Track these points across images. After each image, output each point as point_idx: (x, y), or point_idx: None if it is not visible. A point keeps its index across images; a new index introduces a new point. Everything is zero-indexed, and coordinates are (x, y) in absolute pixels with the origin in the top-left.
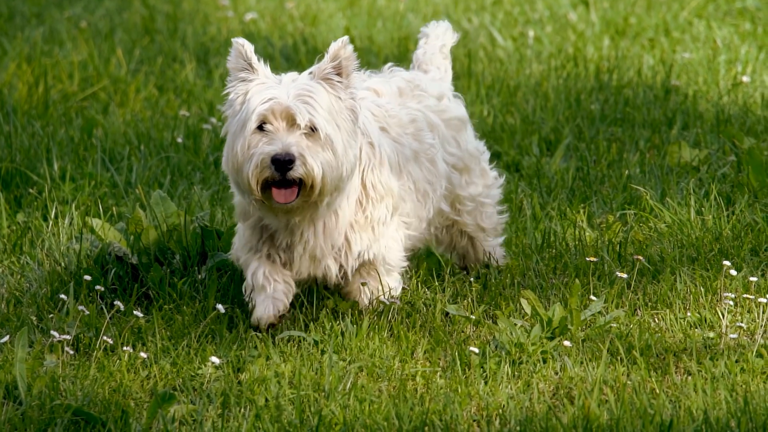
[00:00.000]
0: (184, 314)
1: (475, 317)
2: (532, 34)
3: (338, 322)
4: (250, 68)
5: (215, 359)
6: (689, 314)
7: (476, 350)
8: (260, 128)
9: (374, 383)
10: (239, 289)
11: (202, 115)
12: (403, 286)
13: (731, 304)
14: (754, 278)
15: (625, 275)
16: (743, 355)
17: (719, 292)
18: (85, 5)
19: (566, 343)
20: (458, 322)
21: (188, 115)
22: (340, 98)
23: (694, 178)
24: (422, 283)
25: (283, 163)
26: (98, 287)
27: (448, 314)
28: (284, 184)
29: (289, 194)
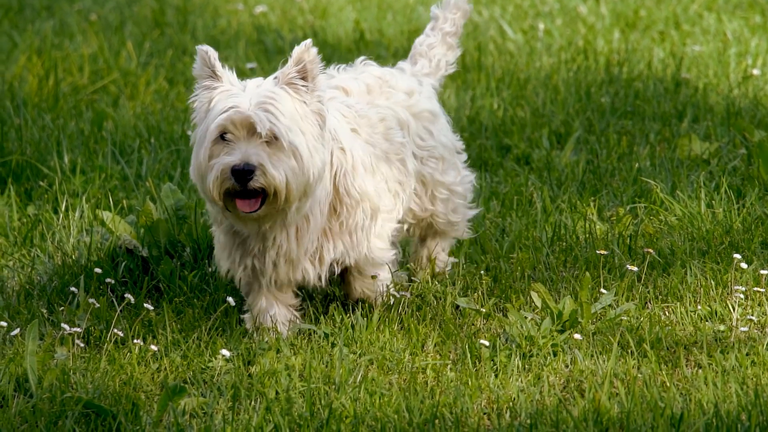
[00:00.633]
0: (194, 307)
1: (485, 310)
2: (542, 27)
3: (349, 315)
4: (214, 75)
5: (226, 352)
6: (700, 307)
7: (486, 343)
8: (222, 137)
9: (385, 376)
10: None
11: None
12: (412, 278)
13: (742, 297)
14: (764, 271)
15: (635, 268)
16: (754, 348)
17: (730, 285)
18: None
19: (577, 336)
20: (469, 315)
21: None
22: (305, 103)
23: (704, 171)
24: (432, 276)
25: (242, 173)
26: (109, 280)
27: (458, 307)
28: (247, 194)
29: (252, 204)
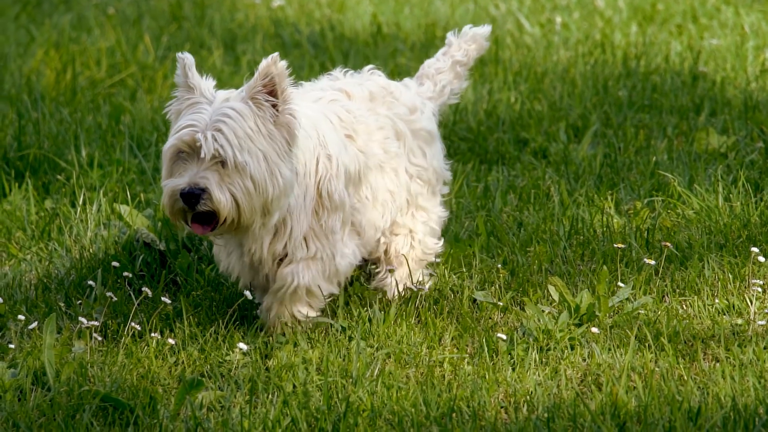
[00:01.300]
0: (212, 300)
1: (502, 304)
2: (559, 20)
3: (366, 308)
4: (186, 86)
5: (243, 345)
6: (717, 301)
7: (504, 337)
8: (179, 154)
9: (402, 370)
10: None
11: None
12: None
13: (759, 290)
14: None
15: (652, 262)
16: None
17: (747, 278)
18: None
19: (594, 329)
20: (486, 308)
21: None
22: (268, 119)
23: (722, 164)
24: (450, 269)
25: (188, 197)
26: (126, 273)
27: (475, 301)
28: (199, 216)
29: (205, 228)
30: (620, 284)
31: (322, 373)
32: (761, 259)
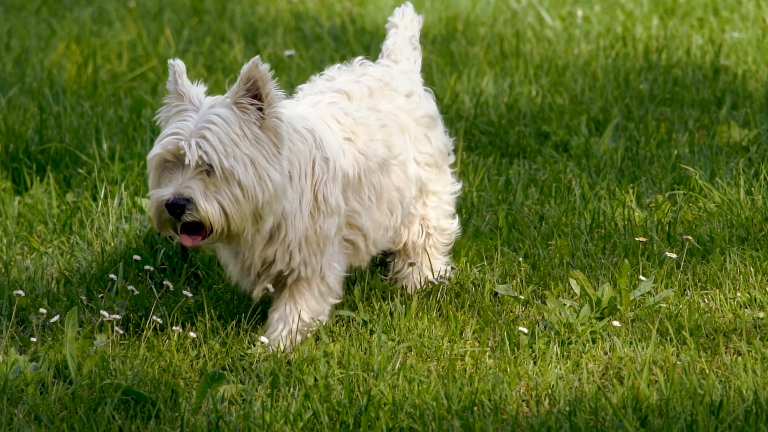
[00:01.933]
0: (233, 294)
1: (524, 297)
2: (580, 13)
3: (387, 302)
4: (176, 93)
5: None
6: (739, 294)
7: (525, 330)
8: (165, 163)
9: (423, 363)
10: None
11: None
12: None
13: None
14: None
15: (674, 255)
16: None
17: None
18: None
19: (615, 323)
20: (507, 302)
21: None
22: (253, 123)
23: (743, 158)
24: (471, 263)
25: (173, 207)
26: (148, 267)
27: (497, 294)
28: (188, 226)
29: (194, 238)
30: (642, 278)
31: (343, 366)
32: None
